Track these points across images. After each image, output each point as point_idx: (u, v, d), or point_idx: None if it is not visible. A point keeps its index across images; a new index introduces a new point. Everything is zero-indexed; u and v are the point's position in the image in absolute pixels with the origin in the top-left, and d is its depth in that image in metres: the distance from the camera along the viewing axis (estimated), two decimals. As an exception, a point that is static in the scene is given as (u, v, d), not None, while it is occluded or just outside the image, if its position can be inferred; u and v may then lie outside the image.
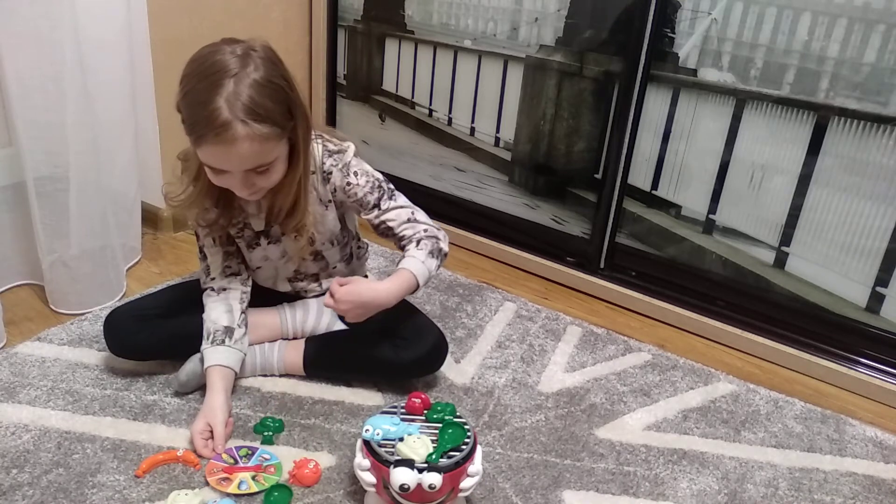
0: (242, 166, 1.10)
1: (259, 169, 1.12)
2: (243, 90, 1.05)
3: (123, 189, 1.63)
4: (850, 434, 1.35)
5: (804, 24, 1.42)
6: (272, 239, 1.31)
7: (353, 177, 1.26)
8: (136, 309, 1.32)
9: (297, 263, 1.36)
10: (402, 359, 1.30)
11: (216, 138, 1.05)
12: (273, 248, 1.32)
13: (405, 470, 0.96)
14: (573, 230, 1.85)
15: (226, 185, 1.15)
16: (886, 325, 1.49)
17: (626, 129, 1.67)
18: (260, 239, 1.31)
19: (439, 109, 2.01)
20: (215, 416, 1.18)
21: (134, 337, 1.28)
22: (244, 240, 1.32)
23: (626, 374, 1.47)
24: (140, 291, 1.59)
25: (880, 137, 1.39)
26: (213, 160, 1.10)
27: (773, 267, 1.59)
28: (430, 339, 1.32)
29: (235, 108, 1.04)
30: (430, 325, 1.35)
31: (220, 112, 1.04)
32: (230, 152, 1.07)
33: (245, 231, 1.30)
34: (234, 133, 1.05)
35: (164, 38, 1.71)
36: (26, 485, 1.07)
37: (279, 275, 1.38)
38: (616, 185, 1.73)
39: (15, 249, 1.55)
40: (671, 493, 1.17)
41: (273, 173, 1.15)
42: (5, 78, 1.36)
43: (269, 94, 1.08)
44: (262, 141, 1.08)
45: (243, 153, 1.07)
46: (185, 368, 1.28)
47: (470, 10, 1.86)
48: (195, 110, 1.07)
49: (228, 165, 1.10)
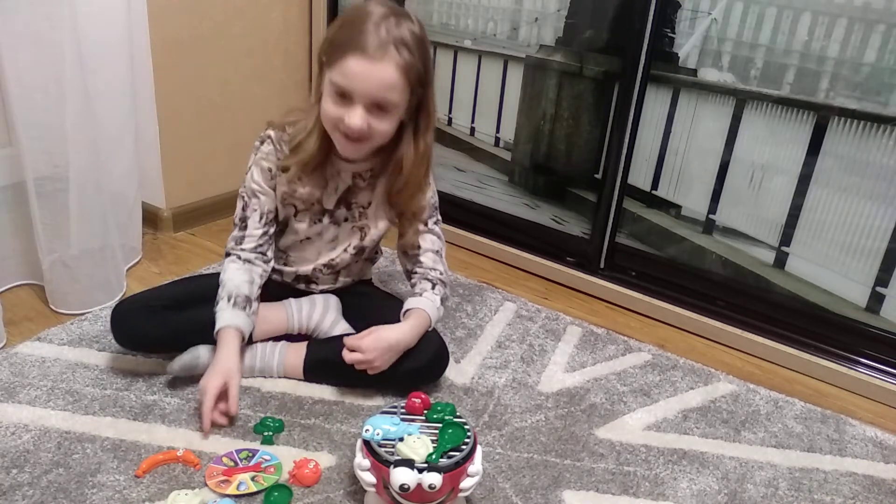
0: (374, 92, 1.14)
1: (381, 104, 1.16)
2: (402, 26, 1.14)
3: (123, 189, 1.64)
4: (850, 434, 1.35)
5: (804, 24, 1.42)
6: (335, 220, 1.34)
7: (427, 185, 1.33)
8: (144, 300, 1.32)
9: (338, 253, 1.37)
10: (403, 368, 1.28)
11: (367, 51, 1.12)
12: (331, 229, 1.35)
13: (405, 470, 0.96)
14: (573, 230, 1.85)
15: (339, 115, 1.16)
16: (886, 325, 1.49)
17: (626, 129, 1.67)
18: (324, 216, 1.34)
19: (439, 109, 2.00)
20: (233, 375, 1.19)
21: (141, 328, 1.28)
22: (310, 213, 1.33)
23: (626, 374, 1.47)
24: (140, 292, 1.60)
25: (880, 137, 1.39)
26: (349, 78, 1.13)
27: (773, 267, 1.59)
28: (430, 349, 1.31)
29: (392, 35, 1.13)
30: (432, 334, 1.34)
31: (379, 31, 1.12)
32: (373, 71, 1.12)
33: (315, 206, 1.33)
34: (386, 52, 1.12)
35: (164, 38, 1.72)
36: (26, 485, 1.07)
37: (318, 259, 1.38)
38: (616, 185, 1.73)
39: (15, 249, 1.55)
40: (671, 493, 1.17)
41: (388, 121, 1.19)
42: (5, 78, 1.36)
43: (420, 46, 1.17)
44: (403, 73, 1.14)
45: (384, 76, 1.13)
46: (183, 359, 1.27)
47: (470, 10, 1.87)
48: (350, 30, 1.14)
49: (362, 85, 1.13)
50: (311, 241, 1.37)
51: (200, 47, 1.81)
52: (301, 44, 2.09)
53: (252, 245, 1.31)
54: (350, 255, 1.38)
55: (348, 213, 1.35)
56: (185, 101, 1.82)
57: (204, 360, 1.28)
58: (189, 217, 1.91)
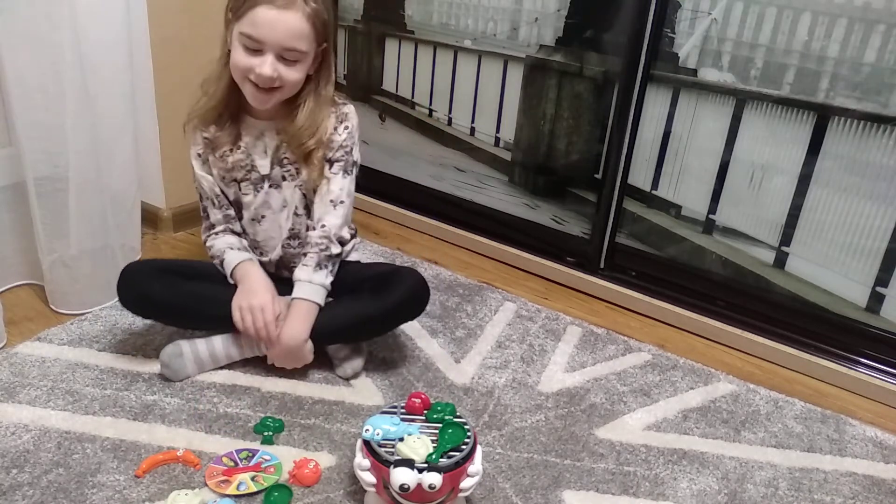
0: (282, 41, 1.20)
1: (290, 55, 1.22)
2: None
3: (123, 189, 1.63)
4: (850, 434, 1.35)
5: (804, 24, 1.42)
6: (273, 183, 1.36)
7: (342, 127, 1.35)
8: (154, 263, 1.41)
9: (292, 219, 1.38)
10: (385, 305, 1.31)
11: (275, 2, 1.18)
12: (275, 194, 1.37)
13: (405, 470, 0.96)
14: (573, 230, 1.85)
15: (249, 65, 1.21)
16: (886, 325, 1.49)
17: (626, 129, 1.67)
18: (263, 182, 1.36)
19: (439, 109, 2.01)
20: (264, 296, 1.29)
21: (148, 287, 1.30)
22: (250, 182, 1.36)
23: (626, 374, 1.47)
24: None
25: (880, 137, 1.39)
26: (259, 27, 1.19)
27: (773, 267, 1.59)
28: (409, 280, 1.34)
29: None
30: (407, 269, 1.39)
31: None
32: (281, 19, 1.18)
33: (251, 174, 1.36)
34: (293, 2, 1.18)
35: (164, 38, 1.71)
36: (26, 485, 1.07)
37: (281, 233, 1.40)
38: (616, 185, 1.73)
39: (15, 249, 1.55)
40: (671, 493, 1.17)
41: (297, 71, 1.24)
42: (5, 78, 1.36)
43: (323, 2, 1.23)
44: (310, 23, 1.20)
45: (293, 25, 1.19)
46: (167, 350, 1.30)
47: (470, 10, 1.87)
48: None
49: (270, 34, 1.19)
50: (265, 217, 1.39)
51: (200, 47, 1.81)
52: (301, 44, 2.09)
53: (222, 225, 1.39)
54: (305, 217, 1.39)
55: (284, 172, 1.36)
56: (185, 101, 1.81)
57: (187, 353, 1.31)
58: (189, 217, 1.90)
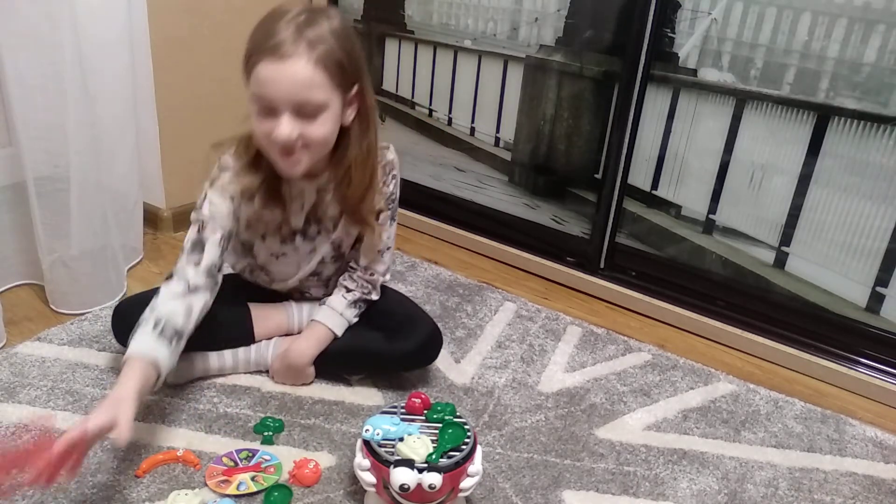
0: (292, 94, 1.05)
1: (307, 109, 1.07)
2: (314, 22, 1.06)
3: (124, 189, 1.63)
4: (850, 434, 1.35)
5: (804, 24, 1.42)
6: (308, 237, 1.29)
7: (390, 178, 1.27)
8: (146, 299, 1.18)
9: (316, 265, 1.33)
10: (396, 351, 1.29)
11: (272, 52, 1.03)
12: (305, 245, 1.30)
13: (405, 470, 0.96)
14: (573, 230, 1.85)
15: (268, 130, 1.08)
16: (886, 325, 1.49)
17: (626, 129, 1.67)
18: (296, 237, 1.29)
19: (439, 109, 2.01)
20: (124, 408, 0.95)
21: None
22: (279, 235, 1.28)
23: (626, 374, 1.47)
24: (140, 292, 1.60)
25: (880, 137, 1.39)
26: (263, 85, 1.05)
27: (773, 267, 1.59)
28: (423, 330, 1.32)
29: (301, 30, 1.04)
30: (424, 317, 1.35)
31: (281, 30, 1.04)
32: (283, 70, 1.03)
33: (283, 228, 1.27)
34: (291, 49, 1.03)
35: (164, 38, 1.71)
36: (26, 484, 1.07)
37: (299, 271, 1.34)
38: (616, 185, 1.73)
39: (15, 249, 1.55)
40: (671, 493, 1.17)
41: (321, 125, 1.09)
42: (5, 78, 1.36)
43: (340, 39, 1.07)
44: (320, 67, 1.05)
45: (298, 74, 1.04)
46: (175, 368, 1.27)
47: (470, 10, 1.87)
48: (259, 34, 1.06)
49: (276, 90, 1.05)
50: (286, 255, 1.32)
51: (201, 47, 1.81)
52: (301, 44, 2.09)
53: (207, 265, 1.16)
54: (332, 264, 1.35)
55: (320, 227, 1.29)
56: (185, 101, 1.82)
57: (198, 366, 1.30)
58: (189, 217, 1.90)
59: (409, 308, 1.38)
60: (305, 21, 1.06)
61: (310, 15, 1.07)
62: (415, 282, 1.74)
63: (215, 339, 1.30)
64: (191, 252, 1.17)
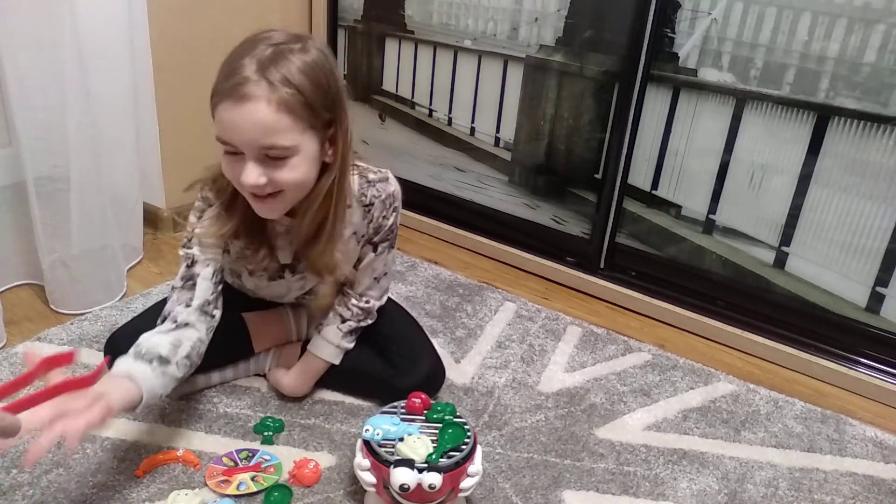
0: (254, 138, 0.95)
1: (274, 153, 0.97)
2: (281, 58, 0.95)
3: (124, 189, 1.63)
4: (850, 434, 1.35)
5: (804, 24, 1.42)
6: (298, 273, 1.22)
7: (390, 211, 1.18)
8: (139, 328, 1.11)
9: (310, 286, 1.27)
10: (398, 385, 1.23)
11: (230, 93, 0.94)
12: (294, 281, 1.23)
13: (405, 470, 0.96)
14: (573, 230, 1.85)
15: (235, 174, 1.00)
16: (886, 325, 1.49)
17: (626, 129, 1.67)
18: (284, 272, 1.21)
19: (439, 109, 2.01)
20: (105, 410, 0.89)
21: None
22: (266, 273, 1.19)
23: (626, 374, 1.47)
24: (140, 292, 1.60)
25: (880, 137, 1.39)
26: (223, 127, 0.97)
27: (773, 267, 1.59)
28: (425, 364, 1.28)
29: (264, 69, 0.94)
30: (424, 349, 1.30)
31: (244, 68, 0.94)
32: (242, 113, 0.94)
33: (270, 264, 1.18)
34: (249, 90, 0.93)
35: (164, 38, 1.71)
36: (26, 485, 1.07)
37: (289, 293, 1.29)
38: (616, 185, 1.73)
39: (15, 249, 1.55)
40: (671, 493, 1.17)
41: (291, 169, 0.99)
42: (5, 78, 1.36)
43: (311, 74, 0.97)
44: (283, 109, 0.95)
45: (257, 117, 0.94)
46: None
47: (470, 10, 1.87)
48: (222, 70, 0.97)
49: (237, 133, 0.96)
50: (277, 282, 1.24)
51: (201, 48, 1.81)
52: (301, 44, 2.09)
53: (199, 303, 1.10)
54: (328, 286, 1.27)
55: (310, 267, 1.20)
56: (185, 102, 1.82)
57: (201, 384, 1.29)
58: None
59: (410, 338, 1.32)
60: (271, 57, 0.95)
61: (277, 49, 0.97)
62: (415, 282, 1.74)
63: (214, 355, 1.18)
64: (181, 290, 1.11)
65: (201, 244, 1.12)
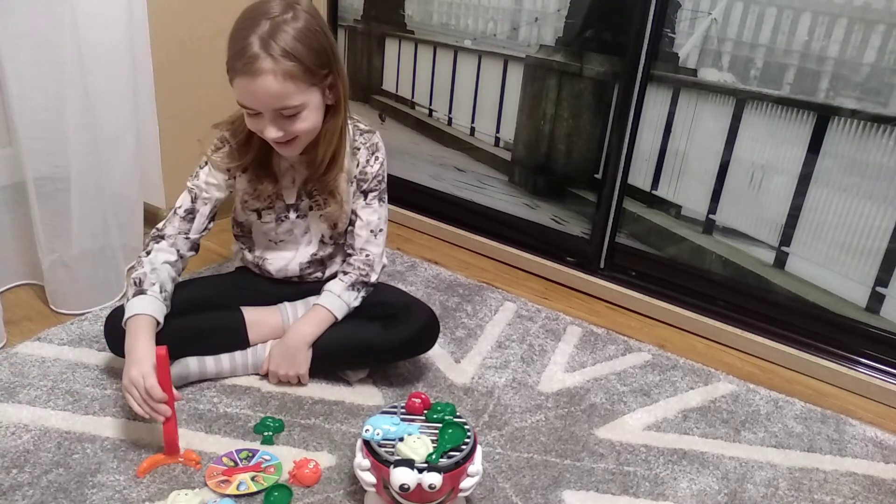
0: (268, 104, 1.15)
1: (287, 112, 1.16)
2: (278, 31, 1.12)
3: (124, 189, 1.63)
4: (850, 434, 1.35)
5: (804, 24, 1.42)
6: (301, 213, 1.35)
7: (373, 159, 1.34)
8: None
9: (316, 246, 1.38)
10: (393, 339, 1.30)
11: (244, 70, 1.12)
12: (300, 223, 1.36)
13: (405, 470, 0.96)
14: (573, 230, 1.85)
15: (258, 128, 1.19)
16: (886, 325, 1.49)
17: (626, 129, 1.67)
18: (289, 211, 1.35)
19: (439, 109, 2.01)
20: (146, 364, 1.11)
21: None
22: (274, 212, 1.34)
23: (626, 374, 1.47)
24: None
25: (880, 137, 1.39)
26: (242, 96, 1.17)
27: (773, 267, 1.59)
28: (420, 316, 1.33)
29: (267, 45, 1.12)
30: (420, 305, 1.37)
31: (251, 46, 1.12)
32: (255, 86, 1.13)
33: (276, 203, 1.33)
34: (259, 66, 1.11)
35: (165, 38, 1.71)
36: (26, 485, 1.07)
37: (297, 256, 1.38)
38: (616, 185, 1.73)
39: (15, 249, 1.55)
40: (671, 493, 1.17)
41: (303, 121, 1.19)
42: (5, 78, 1.36)
43: (305, 39, 1.15)
44: (288, 79, 1.13)
45: (269, 88, 1.13)
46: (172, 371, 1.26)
47: (470, 10, 1.87)
48: (232, 47, 1.15)
49: (254, 101, 1.16)
50: (284, 242, 1.38)
51: (201, 48, 1.81)
52: (301, 44, 2.09)
53: (194, 240, 1.31)
54: (330, 245, 1.39)
55: (312, 202, 1.35)
56: (185, 101, 1.82)
57: (194, 369, 1.30)
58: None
59: (406, 298, 1.41)
60: (269, 31, 1.12)
61: (274, 23, 1.13)
62: (415, 282, 1.74)
63: (210, 345, 1.31)
64: (183, 219, 1.30)
65: (207, 183, 1.30)
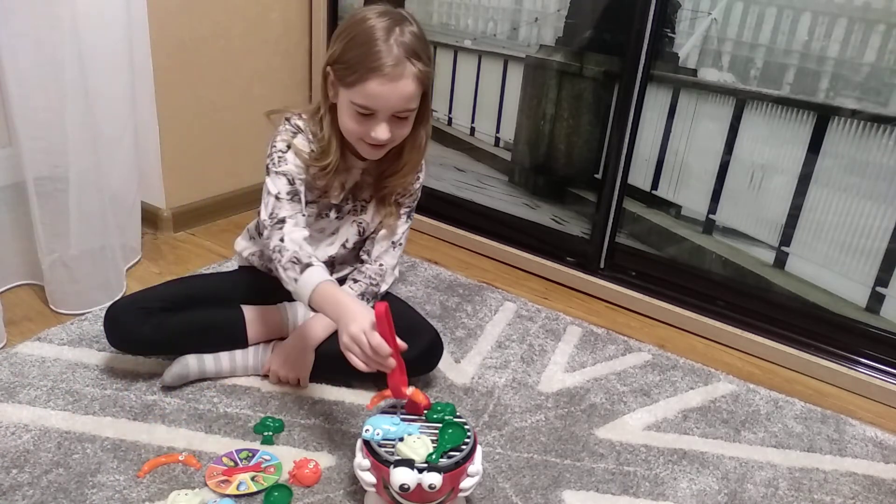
0: (397, 106, 1.17)
1: (403, 114, 1.19)
2: (407, 35, 1.15)
3: (123, 189, 1.64)
4: (850, 434, 1.35)
5: (804, 24, 1.42)
6: (340, 215, 1.36)
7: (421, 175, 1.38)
8: (139, 301, 1.29)
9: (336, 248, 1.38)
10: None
11: (383, 75, 1.13)
12: (334, 223, 1.37)
13: (405, 470, 0.96)
14: (573, 230, 1.85)
15: (364, 129, 1.19)
16: (886, 325, 1.49)
17: (626, 129, 1.67)
18: (331, 211, 1.35)
19: (439, 109, 2.01)
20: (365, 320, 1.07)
21: (137, 330, 1.26)
22: (318, 206, 1.34)
23: (626, 374, 1.47)
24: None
25: (880, 137, 1.39)
26: (371, 99, 1.15)
27: (773, 267, 1.59)
28: (425, 337, 1.32)
29: (403, 48, 1.14)
30: (425, 324, 1.36)
31: (391, 51, 1.13)
32: (395, 89, 1.15)
33: (321, 199, 1.34)
34: (399, 72, 1.14)
35: (165, 38, 1.72)
36: (26, 485, 1.07)
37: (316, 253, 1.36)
38: (616, 185, 1.73)
39: (15, 249, 1.55)
40: (671, 493, 1.17)
41: (409, 124, 1.22)
42: (5, 78, 1.36)
43: (424, 48, 1.19)
44: (421, 82, 1.17)
45: (406, 92, 1.16)
46: (172, 370, 1.28)
47: (470, 10, 1.87)
48: (361, 51, 1.14)
49: (383, 103, 1.16)
50: (311, 237, 1.35)
51: (200, 48, 1.81)
52: (301, 44, 2.09)
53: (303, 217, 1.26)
54: (348, 251, 1.40)
55: (351, 207, 1.36)
56: (185, 102, 1.82)
57: (193, 368, 1.30)
58: (189, 217, 1.91)
59: (411, 317, 1.38)
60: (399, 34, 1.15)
61: (399, 26, 1.15)
62: (415, 282, 1.74)
63: (209, 342, 1.31)
64: (290, 201, 1.25)
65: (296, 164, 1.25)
